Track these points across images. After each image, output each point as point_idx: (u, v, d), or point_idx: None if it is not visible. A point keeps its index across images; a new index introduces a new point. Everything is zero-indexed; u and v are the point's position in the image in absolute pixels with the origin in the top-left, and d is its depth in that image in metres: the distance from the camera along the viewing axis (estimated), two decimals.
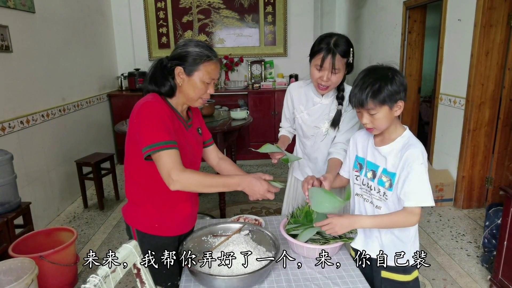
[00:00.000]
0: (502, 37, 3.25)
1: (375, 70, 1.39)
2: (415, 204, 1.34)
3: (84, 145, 4.29)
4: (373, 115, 1.36)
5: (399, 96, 1.34)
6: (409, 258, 1.46)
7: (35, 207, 3.15)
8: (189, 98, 1.43)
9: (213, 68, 1.41)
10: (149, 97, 1.38)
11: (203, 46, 1.40)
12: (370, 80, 1.34)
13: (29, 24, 3.34)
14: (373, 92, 1.32)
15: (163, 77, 1.41)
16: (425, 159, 1.36)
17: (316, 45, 1.71)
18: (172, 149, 1.30)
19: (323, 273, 1.47)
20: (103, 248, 3.07)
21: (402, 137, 1.41)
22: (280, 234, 1.62)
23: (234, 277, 1.32)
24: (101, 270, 0.98)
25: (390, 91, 1.32)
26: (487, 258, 2.65)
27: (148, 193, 1.45)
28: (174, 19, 5.48)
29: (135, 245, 1.14)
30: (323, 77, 1.70)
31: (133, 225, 1.50)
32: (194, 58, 1.37)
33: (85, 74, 4.48)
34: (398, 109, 1.36)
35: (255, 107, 5.20)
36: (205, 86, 1.41)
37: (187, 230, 1.60)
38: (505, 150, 3.42)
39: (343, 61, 1.68)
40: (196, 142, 1.56)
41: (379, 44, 5.40)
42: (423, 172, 1.33)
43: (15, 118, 3.06)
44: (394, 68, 1.38)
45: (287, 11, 5.52)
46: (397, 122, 1.42)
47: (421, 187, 1.33)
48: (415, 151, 1.34)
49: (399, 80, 1.33)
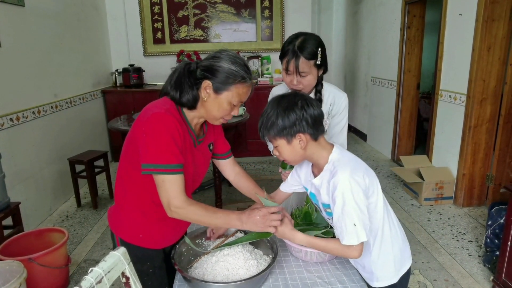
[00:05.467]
0: (505, 31, 3.19)
1: (277, 100, 1.26)
2: (341, 242, 1.22)
3: (77, 142, 4.20)
4: (276, 147, 1.28)
5: (296, 130, 1.20)
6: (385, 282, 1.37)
7: (26, 207, 3.07)
8: (210, 116, 1.31)
9: (245, 92, 1.28)
10: (163, 106, 1.24)
11: (241, 64, 1.25)
12: (267, 111, 1.25)
13: (18, 18, 3.24)
14: (264, 125, 1.25)
15: (189, 85, 1.26)
16: (351, 184, 1.17)
17: (283, 48, 1.65)
18: (177, 174, 1.20)
19: (323, 277, 1.40)
20: (96, 248, 3.00)
21: (328, 163, 1.26)
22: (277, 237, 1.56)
23: (230, 283, 1.25)
24: (86, 281, 0.91)
25: (281, 126, 1.21)
26: (489, 258, 2.60)
27: (138, 201, 1.35)
28: (169, 14, 5.38)
29: (123, 253, 1.06)
30: (293, 81, 1.64)
31: (117, 233, 1.41)
32: (228, 77, 1.23)
33: (78, 70, 4.38)
34: (300, 141, 1.22)
35: (252, 103, 5.06)
36: (231, 107, 1.29)
37: (173, 242, 1.49)
38: (506, 147, 3.37)
39: (309, 63, 1.60)
40: (203, 160, 1.43)
41: (378, 40, 5.34)
42: (346, 204, 1.17)
43: (4, 115, 2.97)
44: (298, 99, 1.23)
45: (284, 6, 5.43)
46: (322, 148, 1.27)
47: (343, 225, 1.19)
48: (337, 179, 1.19)
49: (294, 115, 1.20)
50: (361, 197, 1.19)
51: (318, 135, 1.25)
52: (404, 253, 1.40)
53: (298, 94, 1.28)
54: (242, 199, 3.89)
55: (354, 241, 1.19)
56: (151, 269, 1.43)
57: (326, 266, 1.47)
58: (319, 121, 1.24)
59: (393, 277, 1.36)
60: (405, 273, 1.39)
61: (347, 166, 1.21)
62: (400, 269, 1.38)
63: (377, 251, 1.32)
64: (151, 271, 1.43)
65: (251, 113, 4.07)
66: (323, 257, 1.46)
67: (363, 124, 6.27)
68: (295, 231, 1.34)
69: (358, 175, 1.20)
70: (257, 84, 5.20)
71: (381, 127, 5.37)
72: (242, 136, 5.22)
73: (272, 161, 5.05)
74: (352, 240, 1.19)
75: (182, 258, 1.46)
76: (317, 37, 1.64)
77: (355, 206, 1.18)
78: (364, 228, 1.19)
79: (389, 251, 1.34)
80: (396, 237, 1.36)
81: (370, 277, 1.39)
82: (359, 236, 1.19)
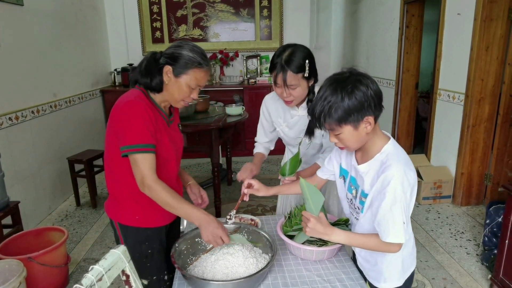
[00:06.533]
0: (503, 31, 3.20)
1: (334, 82, 1.15)
2: (384, 239, 1.18)
3: (76, 142, 4.20)
4: (337, 135, 1.18)
5: (364, 112, 1.12)
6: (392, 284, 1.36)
7: (25, 206, 3.07)
8: (171, 98, 1.45)
9: (202, 76, 1.41)
10: (133, 95, 1.39)
11: (198, 52, 1.40)
12: (325, 95, 1.13)
13: (17, 17, 3.23)
14: (326, 112, 1.13)
15: (155, 71, 1.41)
16: (403, 182, 1.13)
17: (272, 61, 1.65)
18: (149, 153, 1.33)
19: (322, 275, 1.41)
20: (95, 247, 3.00)
21: (381, 153, 1.20)
22: (277, 235, 1.57)
23: (229, 282, 1.26)
24: (86, 279, 0.91)
25: (347, 110, 1.10)
26: (487, 257, 2.61)
27: (129, 187, 1.44)
28: (168, 13, 5.38)
29: (123, 251, 1.07)
30: (283, 94, 1.65)
31: (115, 219, 1.51)
32: (186, 62, 1.37)
33: (77, 69, 4.38)
34: (367, 125, 1.15)
35: (251, 102, 5.12)
36: (190, 90, 1.42)
37: (170, 220, 1.59)
38: (504, 146, 3.38)
39: (297, 76, 1.60)
40: (178, 138, 1.58)
41: (377, 39, 5.34)
42: (397, 201, 1.13)
43: (3, 115, 2.97)
44: (357, 77, 1.14)
45: (283, 5, 5.44)
46: (376, 135, 1.22)
47: (390, 222, 1.15)
48: (390, 174, 1.13)
49: (360, 94, 1.10)
50: (408, 196, 1.17)
51: (379, 116, 1.18)
52: (411, 256, 1.40)
53: (354, 71, 1.16)
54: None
55: (401, 239, 1.15)
56: (150, 250, 1.52)
57: (325, 264, 1.47)
58: (382, 98, 1.16)
59: (400, 279, 1.36)
60: (409, 276, 1.39)
61: (401, 162, 1.16)
62: (406, 271, 1.37)
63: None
64: (150, 252, 1.51)
65: (249, 112, 4.07)
66: (322, 255, 1.47)
67: None
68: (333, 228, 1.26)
69: (410, 174, 1.17)
70: (256, 83, 5.20)
71: (380, 126, 5.36)
72: (241, 135, 5.23)
73: (271, 160, 5.05)
74: (399, 238, 1.15)
75: (182, 257, 1.46)
76: (304, 49, 1.63)
77: (405, 204, 1.15)
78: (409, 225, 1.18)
79: (400, 254, 1.31)
80: (409, 240, 1.35)
81: (377, 277, 1.38)
82: (399, 236, 1.15)
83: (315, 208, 1.27)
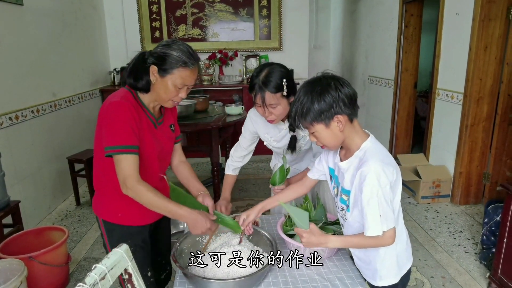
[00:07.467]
0: (501, 31, 3.21)
1: (307, 85, 1.24)
2: (365, 233, 1.21)
3: (76, 141, 4.20)
4: (313, 134, 1.26)
5: (333, 112, 1.19)
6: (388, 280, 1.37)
7: (25, 206, 3.08)
8: (159, 98, 1.44)
9: (187, 75, 1.39)
10: (119, 95, 1.39)
11: (184, 51, 1.38)
12: (299, 97, 1.24)
13: (17, 17, 3.24)
14: (299, 113, 1.23)
15: (142, 71, 1.41)
16: (379, 176, 1.18)
17: (250, 81, 1.65)
18: (131, 154, 1.33)
19: (322, 274, 1.42)
20: (95, 246, 3.01)
21: (359, 150, 1.26)
22: (277, 234, 1.58)
23: (230, 280, 1.27)
24: (89, 277, 0.92)
25: (317, 109, 1.19)
26: (485, 256, 2.63)
27: (113, 184, 1.42)
28: (167, 13, 5.38)
29: (126, 250, 1.08)
30: (264, 113, 1.66)
31: (99, 215, 1.53)
32: (171, 62, 1.36)
33: (76, 69, 4.38)
34: (339, 124, 1.22)
35: (250, 102, 5.09)
36: (177, 90, 1.41)
37: (154, 219, 1.59)
38: (502, 145, 3.39)
39: (276, 96, 1.60)
40: (166, 139, 1.57)
41: (376, 39, 5.36)
42: (373, 195, 1.17)
43: (3, 114, 2.97)
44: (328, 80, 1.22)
45: (282, 5, 5.44)
46: (356, 133, 1.28)
47: (369, 216, 1.19)
48: (366, 169, 1.18)
49: (329, 95, 1.18)
50: (388, 190, 1.19)
51: (355, 115, 1.25)
52: (406, 253, 1.41)
53: (327, 75, 1.25)
54: (240, 197, 3.91)
55: (378, 232, 1.19)
56: (132, 247, 1.47)
57: (325, 263, 1.49)
58: (354, 99, 1.23)
59: (395, 276, 1.37)
60: (405, 273, 1.40)
61: (378, 158, 1.21)
62: (402, 268, 1.39)
63: (384, 248, 1.31)
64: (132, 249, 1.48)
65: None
66: (322, 254, 1.48)
67: (360, 123, 6.17)
68: (327, 236, 1.30)
69: (388, 169, 1.20)
70: None
71: (379, 125, 5.39)
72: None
73: (270, 159, 5.04)
74: (375, 231, 1.19)
75: (183, 256, 1.48)
76: (281, 68, 1.64)
77: (382, 198, 1.18)
78: (389, 217, 1.19)
79: (394, 250, 1.34)
80: (401, 236, 1.37)
81: (373, 275, 1.39)
82: (384, 224, 1.19)
83: (304, 224, 1.30)
